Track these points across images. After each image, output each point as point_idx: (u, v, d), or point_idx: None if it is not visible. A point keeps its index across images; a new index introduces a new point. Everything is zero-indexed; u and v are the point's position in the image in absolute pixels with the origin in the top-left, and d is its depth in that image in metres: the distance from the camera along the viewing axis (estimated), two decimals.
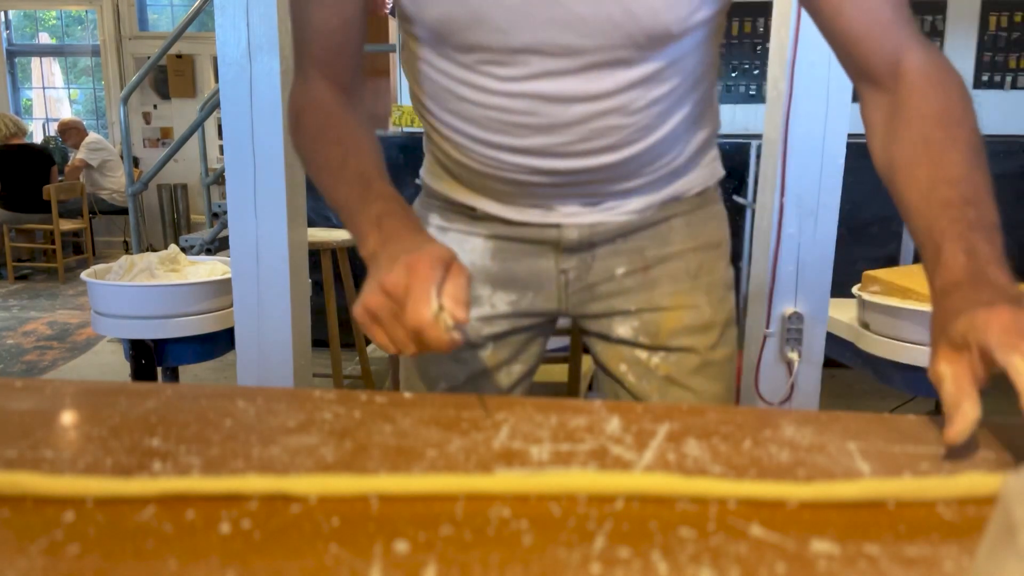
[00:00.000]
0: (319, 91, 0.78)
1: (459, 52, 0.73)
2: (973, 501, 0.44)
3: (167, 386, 0.63)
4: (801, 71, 1.86)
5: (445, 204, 0.89)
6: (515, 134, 0.76)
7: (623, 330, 0.88)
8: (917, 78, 0.67)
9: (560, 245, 0.85)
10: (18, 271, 5.70)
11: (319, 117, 0.77)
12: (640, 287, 0.87)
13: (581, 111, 0.74)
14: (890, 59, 0.69)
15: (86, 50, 7.23)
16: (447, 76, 0.76)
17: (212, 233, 3.86)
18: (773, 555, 0.38)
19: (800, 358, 2.00)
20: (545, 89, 0.73)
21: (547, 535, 0.40)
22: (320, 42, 0.78)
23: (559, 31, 0.69)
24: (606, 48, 0.70)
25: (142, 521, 0.41)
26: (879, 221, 3.34)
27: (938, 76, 0.67)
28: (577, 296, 0.88)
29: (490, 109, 0.75)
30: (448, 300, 0.58)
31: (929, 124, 0.64)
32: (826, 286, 1.99)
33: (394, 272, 0.60)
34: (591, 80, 0.72)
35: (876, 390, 2.43)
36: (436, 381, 0.90)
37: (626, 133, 0.76)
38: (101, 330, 2.11)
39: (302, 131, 0.79)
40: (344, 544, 0.38)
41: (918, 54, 0.68)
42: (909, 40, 0.69)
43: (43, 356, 3.75)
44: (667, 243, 0.87)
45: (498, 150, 0.78)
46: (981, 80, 3.87)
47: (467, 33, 0.71)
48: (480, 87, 0.74)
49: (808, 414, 0.58)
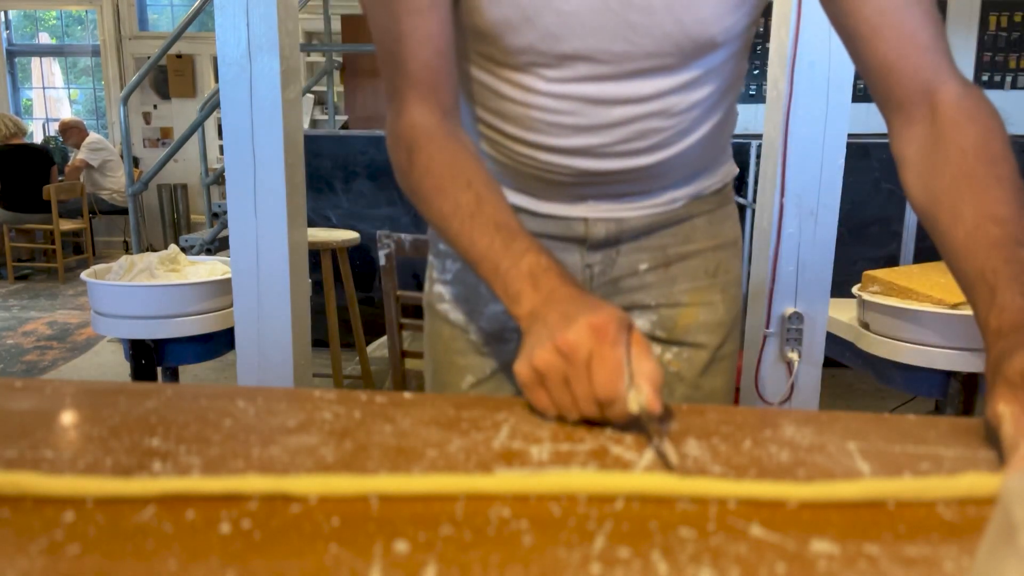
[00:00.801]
0: (426, 121, 0.72)
1: (507, 54, 0.73)
2: (973, 501, 0.43)
3: (167, 386, 0.63)
4: (801, 71, 1.86)
5: None
6: (557, 134, 0.76)
7: (641, 323, 0.89)
8: (953, 111, 0.65)
9: (587, 241, 0.86)
10: (18, 271, 5.70)
11: (439, 155, 0.71)
12: (661, 283, 0.89)
13: (623, 113, 0.75)
14: (925, 87, 0.67)
15: (86, 50, 7.23)
16: (492, 75, 0.76)
17: (212, 233, 3.86)
18: (773, 555, 0.38)
19: (800, 358, 2.00)
20: (590, 92, 0.73)
21: (547, 535, 0.40)
22: (419, 58, 0.71)
23: (610, 39, 0.70)
24: (653, 55, 0.71)
25: (142, 521, 0.41)
26: (879, 221, 3.34)
27: (975, 109, 0.65)
28: (601, 290, 0.89)
29: (533, 109, 0.75)
30: (647, 384, 0.52)
31: (970, 160, 0.63)
32: (826, 286, 1.99)
33: (573, 332, 0.54)
34: (635, 84, 0.73)
35: (876, 390, 2.43)
36: (463, 374, 0.91)
37: (665, 136, 0.78)
38: (101, 330, 2.12)
39: (418, 171, 0.71)
40: (344, 544, 0.38)
41: (954, 86, 0.67)
42: (945, 70, 0.67)
43: (43, 356, 3.75)
44: (689, 241, 0.88)
45: (538, 150, 0.78)
46: (981, 80, 3.87)
47: (519, 37, 0.71)
48: (525, 87, 0.75)
49: (808, 414, 0.58)
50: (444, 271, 0.92)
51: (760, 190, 2.06)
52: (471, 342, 0.90)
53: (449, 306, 0.91)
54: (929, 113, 0.67)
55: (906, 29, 0.67)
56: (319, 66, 5.53)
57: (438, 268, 0.92)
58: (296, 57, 1.86)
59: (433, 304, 0.93)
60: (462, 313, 0.90)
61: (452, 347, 0.91)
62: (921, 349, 1.85)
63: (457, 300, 0.90)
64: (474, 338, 0.90)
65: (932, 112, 0.67)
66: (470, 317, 0.90)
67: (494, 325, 0.89)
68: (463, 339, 0.90)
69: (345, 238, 2.80)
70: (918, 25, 0.67)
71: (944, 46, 0.68)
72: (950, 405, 1.89)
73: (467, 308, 0.90)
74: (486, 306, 0.89)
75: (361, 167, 3.48)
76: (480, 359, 0.90)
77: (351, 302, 2.96)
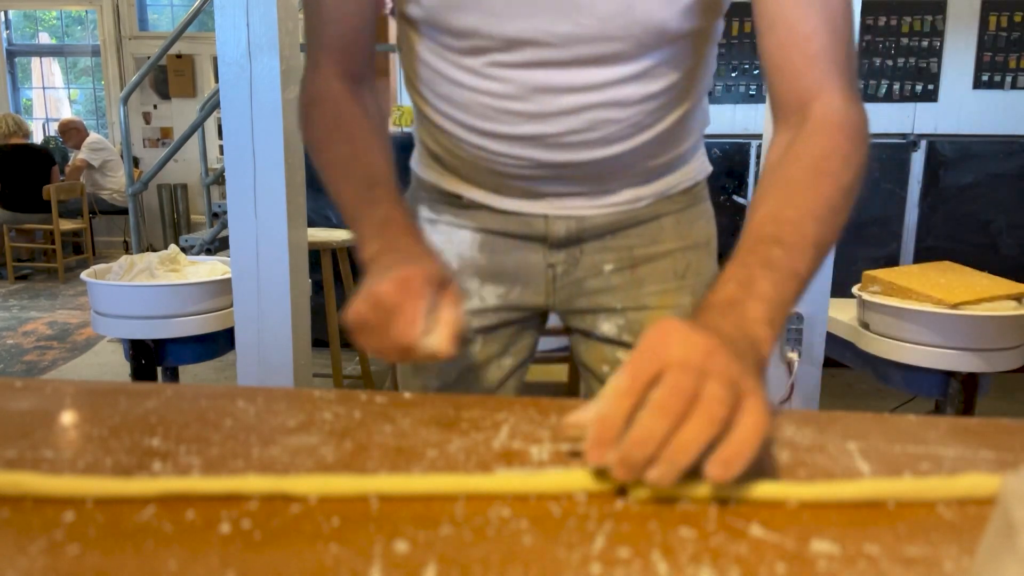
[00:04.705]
0: (331, 82, 0.77)
1: (454, 37, 0.73)
2: (973, 501, 0.43)
3: (167, 386, 0.63)
4: None
5: (434, 195, 0.89)
6: (506, 122, 0.76)
7: (608, 327, 0.88)
8: (818, 122, 0.63)
9: (548, 239, 0.85)
10: (18, 271, 5.70)
11: (331, 110, 0.76)
12: (627, 285, 0.87)
13: (573, 101, 0.73)
14: (802, 95, 0.65)
15: (86, 50, 7.23)
16: (441, 60, 0.76)
17: (212, 233, 3.86)
18: (773, 555, 0.38)
19: (800, 358, 2.01)
20: (538, 78, 0.72)
21: (547, 535, 0.40)
22: (334, 27, 0.77)
23: (553, 19, 0.69)
24: (601, 40, 0.70)
25: (142, 521, 0.41)
26: (879, 221, 3.34)
27: (839, 125, 0.63)
28: (565, 291, 0.88)
29: (482, 95, 0.75)
30: (443, 329, 0.59)
31: (800, 167, 0.62)
32: (826, 286, 1.99)
33: (385, 284, 0.59)
34: (585, 72, 0.72)
35: (876, 390, 2.43)
36: (428, 377, 0.90)
37: (618, 128, 0.76)
38: (101, 330, 2.12)
39: (312, 124, 0.77)
40: (344, 544, 0.38)
41: (832, 99, 0.64)
42: (828, 81, 0.64)
43: (43, 356, 3.75)
44: (656, 241, 0.87)
45: (488, 138, 0.78)
46: (981, 80, 3.87)
47: (463, 17, 0.71)
48: (474, 71, 0.74)
49: (808, 414, 0.58)
50: None
51: None
52: None
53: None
54: (801, 121, 0.64)
55: (797, 32, 0.65)
56: None
57: None
58: (296, 57, 1.86)
59: None
60: None
61: None
62: (921, 349, 1.85)
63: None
64: None
65: (803, 121, 0.64)
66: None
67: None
68: None
69: (345, 238, 2.80)
70: (811, 30, 0.64)
71: (838, 57, 0.65)
72: (950, 405, 1.89)
73: None
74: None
75: None
76: (444, 362, 0.88)
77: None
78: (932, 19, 3.89)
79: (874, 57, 3.97)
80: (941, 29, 3.89)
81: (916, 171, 3.32)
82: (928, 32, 3.91)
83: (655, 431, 0.41)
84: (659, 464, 0.42)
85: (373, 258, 0.65)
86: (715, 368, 0.44)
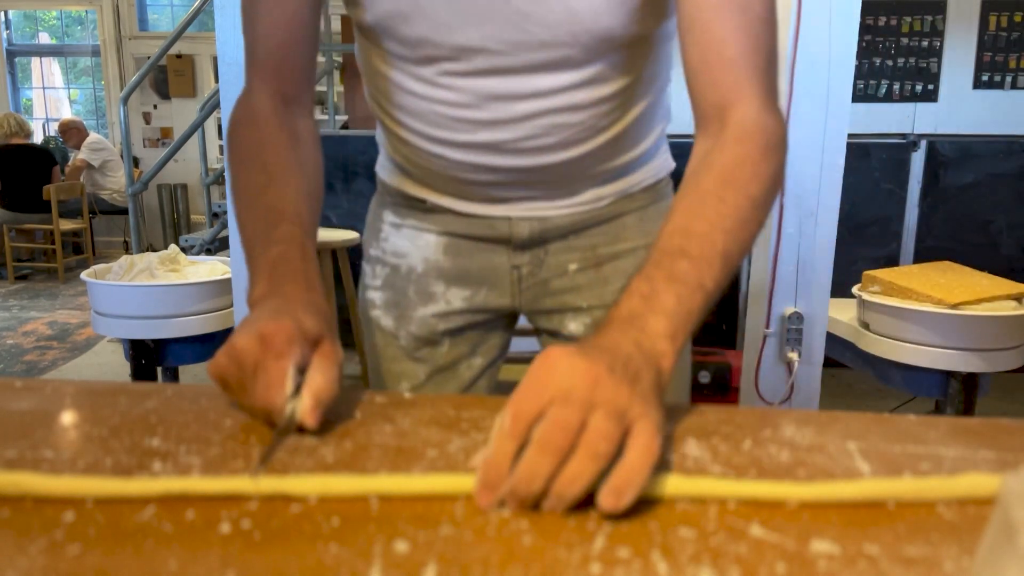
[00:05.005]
0: (259, 104, 0.73)
1: (405, 47, 0.73)
2: (973, 501, 0.43)
3: (167, 386, 0.63)
4: (801, 71, 1.86)
5: (398, 199, 0.89)
6: (462, 130, 0.76)
7: (575, 326, 0.88)
8: (734, 131, 0.62)
9: (512, 241, 0.85)
10: (18, 271, 5.70)
11: (253, 136, 0.72)
12: (592, 284, 0.87)
13: (527, 108, 0.73)
14: (720, 102, 0.64)
15: (86, 50, 7.23)
16: (396, 70, 0.76)
17: (212, 233, 3.86)
18: (773, 555, 0.38)
19: (800, 358, 2.01)
20: (491, 86, 0.72)
21: (547, 535, 0.40)
22: (265, 45, 0.73)
23: (501, 27, 0.69)
24: (551, 47, 0.70)
25: (142, 521, 0.41)
26: (879, 221, 3.34)
27: (751, 135, 0.62)
28: (531, 292, 0.88)
29: (437, 104, 0.75)
30: (307, 396, 0.52)
31: (710, 178, 0.61)
32: (826, 286, 1.99)
33: (243, 339, 0.53)
34: (537, 79, 0.72)
35: (876, 390, 2.43)
36: (398, 380, 0.90)
37: (573, 132, 0.76)
38: (101, 330, 2.12)
39: (234, 147, 0.73)
40: (344, 544, 0.38)
41: (748, 108, 0.63)
42: (746, 89, 0.63)
43: (43, 356, 3.75)
44: (619, 239, 0.87)
45: (446, 146, 0.78)
46: (981, 80, 3.87)
47: (412, 26, 0.70)
48: (428, 81, 0.74)
49: (808, 414, 0.58)
50: (374, 276, 0.91)
51: None
52: (402, 348, 0.89)
53: (380, 312, 0.90)
54: (719, 130, 0.63)
55: (714, 36, 0.64)
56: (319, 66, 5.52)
57: (369, 274, 0.92)
58: None
59: (367, 311, 0.92)
60: (392, 319, 0.89)
61: (386, 354, 0.90)
62: (921, 349, 1.85)
63: (387, 306, 0.89)
64: (404, 344, 0.89)
65: (721, 129, 0.63)
66: (399, 323, 0.89)
67: (423, 330, 0.88)
68: (394, 345, 0.89)
69: (345, 238, 2.80)
70: (728, 35, 0.63)
71: (756, 64, 0.63)
72: (950, 405, 1.89)
73: (396, 313, 0.89)
74: (415, 311, 0.88)
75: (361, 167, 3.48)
76: (412, 365, 0.89)
77: (351, 302, 2.96)
78: (932, 19, 3.89)
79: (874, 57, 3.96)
80: (941, 29, 3.89)
81: (916, 171, 3.32)
82: (928, 32, 3.91)
83: (539, 469, 0.41)
84: (549, 498, 0.42)
85: (254, 302, 0.60)
86: (600, 398, 0.43)
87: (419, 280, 0.88)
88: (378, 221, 0.91)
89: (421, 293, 0.88)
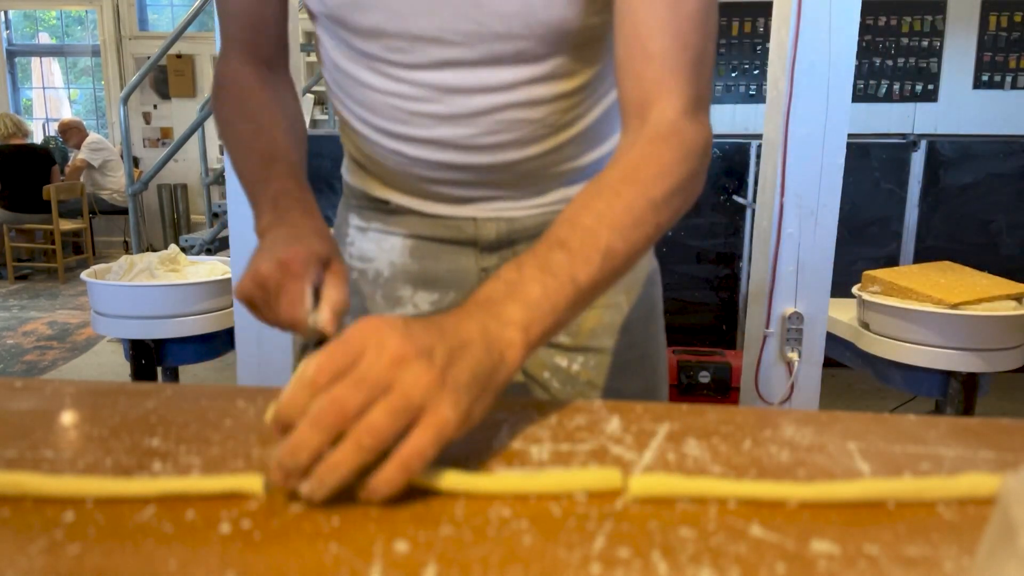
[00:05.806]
0: (238, 68, 0.79)
1: (360, 39, 0.72)
2: (973, 501, 0.44)
3: (167, 386, 0.63)
4: (801, 71, 1.86)
5: (363, 201, 0.88)
6: (420, 125, 0.75)
7: None
8: (651, 129, 0.61)
9: (479, 243, 0.84)
10: (18, 271, 5.70)
11: (236, 92, 0.78)
12: None
13: (484, 102, 0.73)
14: (642, 99, 0.63)
15: (86, 50, 7.23)
16: (351, 62, 0.75)
17: (212, 233, 3.86)
18: (773, 555, 0.38)
19: (800, 358, 2.01)
20: (447, 79, 0.72)
21: (547, 535, 0.40)
22: (238, 21, 0.79)
23: (455, 17, 0.68)
24: (506, 38, 0.69)
25: (142, 521, 0.41)
26: (879, 221, 3.34)
27: (663, 135, 0.61)
28: None
29: (394, 97, 0.74)
30: (325, 309, 0.60)
31: (613, 173, 0.60)
32: (826, 286, 1.99)
33: (264, 265, 0.61)
34: (493, 72, 0.71)
35: (876, 390, 2.43)
36: None
37: (534, 129, 0.75)
38: (101, 330, 2.12)
39: (220, 105, 0.78)
40: (344, 544, 0.38)
41: (669, 107, 0.62)
42: (668, 90, 0.62)
43: (43, 356, 3.75)
44: None
45: (405, 142, 0.77)
46: (981, 80, 3.87)
47: (365, 15, 0.70)
48: (384, 74, 0.74)
49: (808, 414, 0.58)
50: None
51: (760, 190, 2.06)
52: None
53: (349, 319, 0.89)
54: (640, 127, 0.62)
55: (640, 30, 0.62)
56: (319, 66, 5.53)
57: None
58: (296, 57, 1.86)
59: None
60: None
61: None
62: (921, 349, 1.85)
63: (355, 312, 0.88)
64: None
65: (640, 127, 0.62)
66: None
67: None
68: None
69: None
70: (655, 30, 0.62)
71: (682, 63, 0.62)
72: (950, 405, 1.89)
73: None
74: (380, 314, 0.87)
75: None
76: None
77: None
78: (932, 19, 3.89)
79: (874, 57, 3.97)
80: (941, 29, 3.89)
81: (916, 171, 3.32)
82: (928, 32, 3.91)
83: (307, 443, 0.41)
84: (311, 479, 0.41)
85: (263, 232, 0.67)
86: (398, 381, 0.42)
87: (386, 284, 0.87)
88: (344, 225, 0.91)
89: (388, 298, 0.87)
